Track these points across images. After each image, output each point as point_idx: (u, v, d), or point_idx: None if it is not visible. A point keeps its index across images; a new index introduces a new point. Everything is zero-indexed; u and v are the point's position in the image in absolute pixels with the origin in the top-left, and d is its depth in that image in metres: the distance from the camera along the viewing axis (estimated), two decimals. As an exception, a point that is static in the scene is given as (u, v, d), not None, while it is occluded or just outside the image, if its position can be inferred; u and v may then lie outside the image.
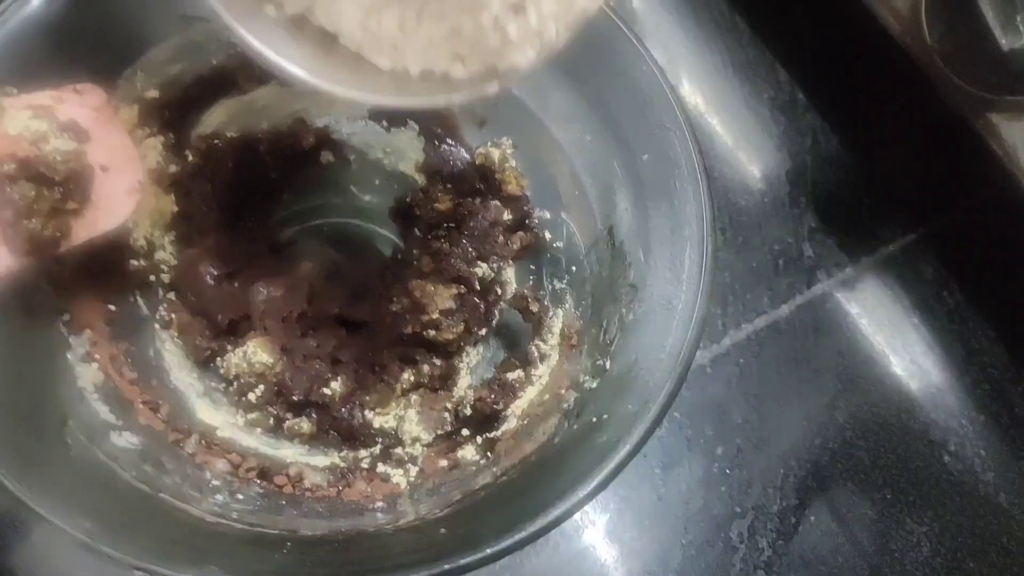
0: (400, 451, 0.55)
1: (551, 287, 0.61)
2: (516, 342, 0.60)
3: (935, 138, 0.70)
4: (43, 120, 0.44)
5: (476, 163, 0.60)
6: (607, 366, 0.52)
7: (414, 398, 0.56)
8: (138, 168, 0.49)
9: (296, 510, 0.50)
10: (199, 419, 0.54)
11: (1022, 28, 0.54)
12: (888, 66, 0.66)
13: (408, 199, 0.62)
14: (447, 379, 0.57)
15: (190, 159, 0.58)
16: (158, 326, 0.56)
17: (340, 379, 0.56)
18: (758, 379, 0.66)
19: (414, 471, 0.54)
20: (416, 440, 0.55)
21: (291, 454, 0.54)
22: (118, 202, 0.47)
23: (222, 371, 0.55)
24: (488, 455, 0.54)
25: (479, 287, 0.59)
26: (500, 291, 0.61)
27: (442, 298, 0.57)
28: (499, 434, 0.55)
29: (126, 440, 0.49)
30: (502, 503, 0.47)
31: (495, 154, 0.59)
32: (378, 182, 0.65)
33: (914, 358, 0.68)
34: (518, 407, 0.56)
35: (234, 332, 0.57)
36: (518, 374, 0.57)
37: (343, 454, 0.55)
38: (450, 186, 0.61)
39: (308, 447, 0.55)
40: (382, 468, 0.54)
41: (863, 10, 0.65)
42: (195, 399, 0.55)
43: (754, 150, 0.74)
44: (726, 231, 0.70)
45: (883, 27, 0.64)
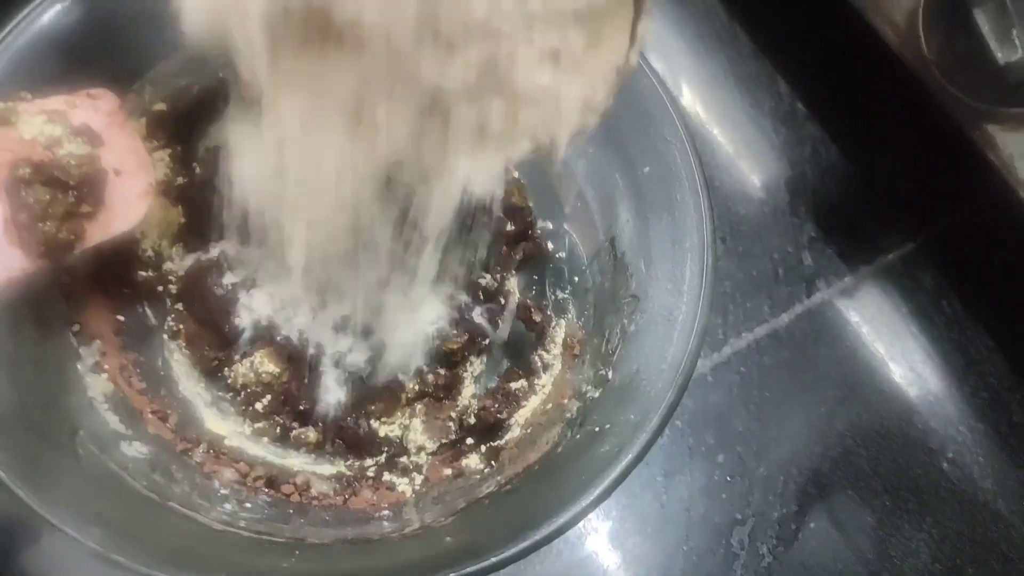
0: (405, 460, 0.55)
1: (554, 297, 0.61)
2: (519, 352, 0.60)
3: (933, 148, 0.70)
4: (57, 125, 0.44)
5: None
6: (609, 376, 0.52)
7: (419, 407, 0.56)
8: (150, 171, 0.49)
9: (303, 518, 0.51)
10: (207, 428, 0.54)
11: (1017, 42, 0.54)
12: (886, 77, 0.66)
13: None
14: (451, 388, 0.57)
15: (197, 171, 0.59)
16: (166, 336, 0.56)
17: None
18: (759, 387, 0.66)
19: (419, 480, 0.55)
20: (421, 449, 0.56)
21: (298, 463, 0.55)
22: (131, 205, 0.47)
23: (229, 381, 0.55)
24: (492, 464, 0.54)
25: (483, 297, 0.59)
26: (504, 301, 0.61)
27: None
28: (503, 443, 0.56)
29: (135, 449, 0.49)
30: (506, 512, 0.47)
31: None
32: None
33: (913, 366, 0.69)
34: (522, 416, 0.57)
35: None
36: (521, 383, 0.57)
37: (349, 463, 0.55)
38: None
39: (315, 456, 0.55)
40: (387, 477, 0.54)
41: (862, 22, 0.65)
42: (203, 409, 0.55)
43: (754, 160, 0.74)
44: (727, 240, 0.71)
45: (881, 39, 0.64)
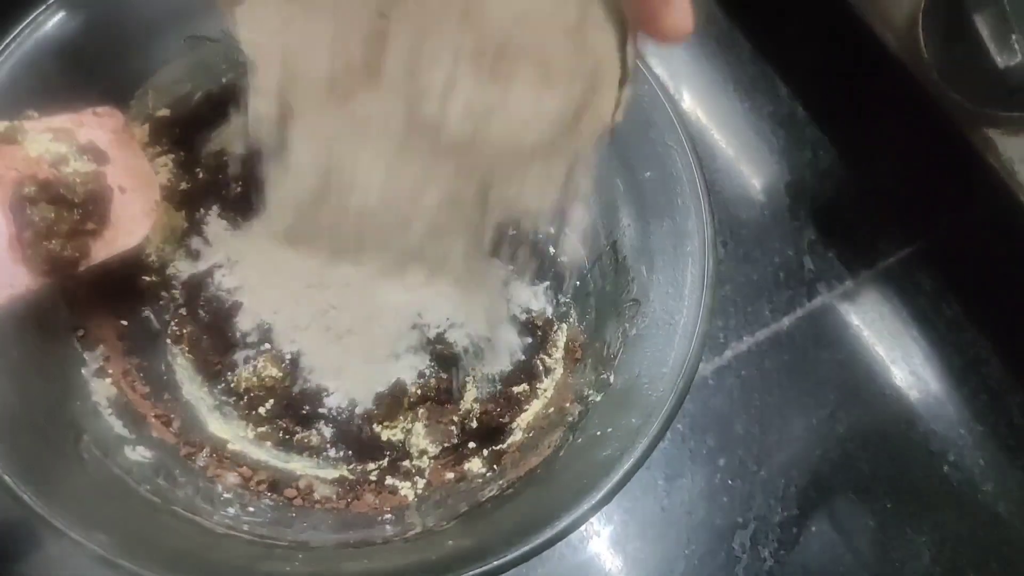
0: (408, 464, 0.55)
1: (555, 301, 0.61)
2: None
3: (933, 152, 0.70)
4: (63, 142, 0.45)
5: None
6: (611, 380, 0.52)
7: (421, 411, 0.56)
8: (155, 189, 0.50)
9: (305, 522, 0.51)
10: (210, 433, 0.55)
11: (1017, 46, 0.54)
12: (886, 81, 0.66)
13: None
14: (453, 392, 0.58)
15: (200, 176, 0.59)
16: (169, 341, 0.56)
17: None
18: (760, 391, 0.66)
19: (421, 483, 0.55)
20: (423, 453, 0.56)
21: (300, 467, 0.55)
22: (136, 222, 0.48)
23: (232, 385, 0.56)
24: (494, 467, 0.54)
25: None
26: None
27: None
28: (505, 447, 0.56)
29: (139, 454, 0.49)
30: (508, 515, 0.47)
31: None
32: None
33: (913, 369, 0.69)
34: (524, 420, 0.57)
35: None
36: (524, 387, 0.58)
37: (352, 467, 0.55)
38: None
39: (317, 460, 0.55)
40: (390, 480, 0.55)
41: (861, 26, 0.65)
42: (206, 413, 0.55)
43: (755, 164, 0.74)
44: (727, 244, 0.71)
45: (881, 43, 0.64)
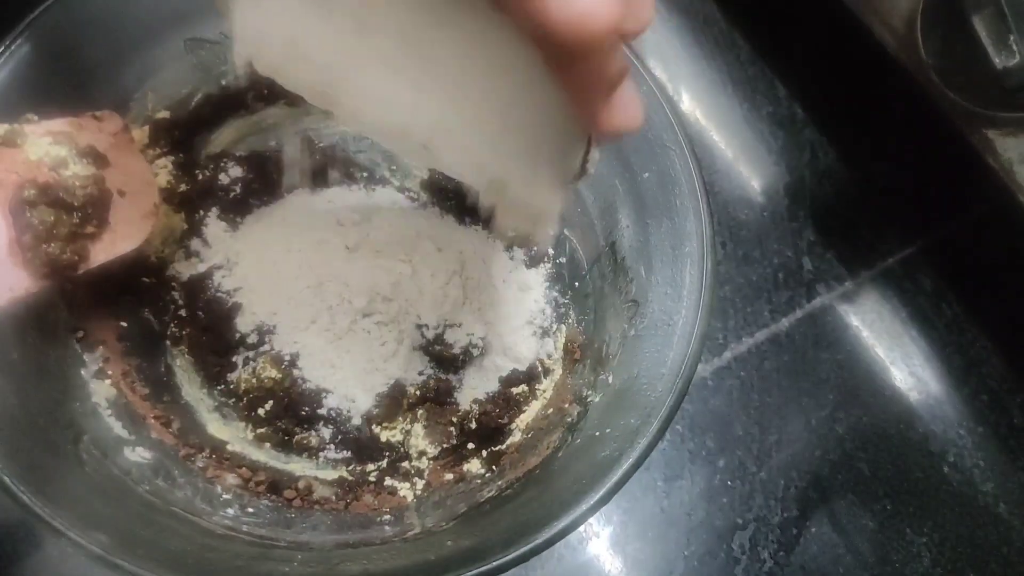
0: (407, 464, 0.55)
1: (555, 302, 0.61)
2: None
3: (932, 152, 0.71)
4: (63, 146, 0.45)
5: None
6: (609, 380, 0.52)
7: (420, 412, 0.56)
8: (154, 192, 0.50)
9: (305, 523, 0.51)
10: (210, 434, 0.55)
11: (1015, 47, 0.54)
12: (885, 82, 0.67)
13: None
14: (453, 393, 0.58)
15: (200, 178, 0.59)
16: (169, 342, 0.56)
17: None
18: (759, 392, 0.66)
19: (420, 484, 0.55)
20: (422, 454, 0.56)
21: (300, 468, 0.55)
22: (135, 226, 0.48)
23: (232, 386, 0.56)
24: (493, 468, 0.54)
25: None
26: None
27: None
28: (504, 447, 0.56)
29: (139, 455, 0.49)
30: (507, 516, 0.47)
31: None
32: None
33: (913, 370, 0.69)
34: (523, 421, 0.57)
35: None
36: (522, 388, 0.58)
37: (351, 468, 0.55)
38: (454, 203, 0.62)
39: (316, 461, 0.55)
40: (389, 481, 0.55)
41: (860, 27, 0.66)
42: (205, 414, 0.55)
43: (754, 165, 0.75)
44: (726, 245, 0.71)
45: (880, 44, 0.65)
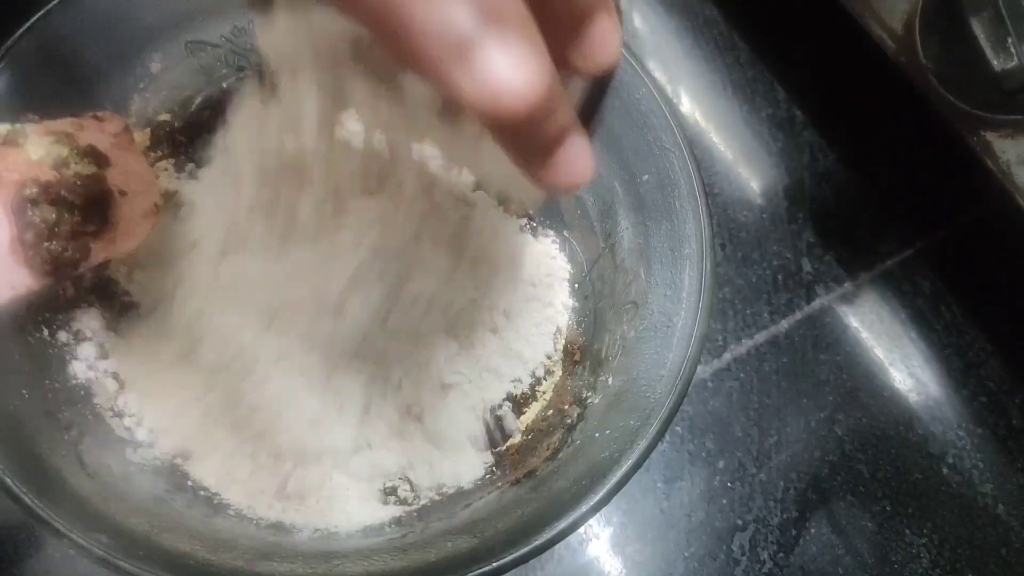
0: (407, 466, 0.55)
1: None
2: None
3: (931, 154, 0.71)
4: (64, 146, 0.45)
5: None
6: (609, 382, 0.53)
7: (420, 413, 0.56)
8: (155, 192, 0.50)
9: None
10: (210, 435, 0.55)
11: (1014, 50, 0.54)
12: (884, 84, 0.67)
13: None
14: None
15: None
16: (170, 343, 0.57)
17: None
18: (758, 393, 0.66)
19: (421, 485, 0.55)
20: (423, 455, 0.56)
21: (301, 469, 0.55)
22: (135, 225, 0.48)
23: (232, 387, 0.56)
24: (493, 470, 0.55)
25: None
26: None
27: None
28: (504, 449, 0.56)
29: (140, 456, 0.50)
30: (507, 517, 0.47)
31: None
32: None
33: (912, 371, 0.69)
34: (522, 422, 0.57)
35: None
36: (522, 389, 0.58)
37: (351, 469, 0.55)
38: (455, 205, 0.62)
39: (317, 462, 0.55)
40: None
41: (859, 29, 0.66)
42: (206, 415, 0.55)
43: (753, 166, 0.75)
44: (726, 247, 0.71)
45: (878, 46, 0.65)
